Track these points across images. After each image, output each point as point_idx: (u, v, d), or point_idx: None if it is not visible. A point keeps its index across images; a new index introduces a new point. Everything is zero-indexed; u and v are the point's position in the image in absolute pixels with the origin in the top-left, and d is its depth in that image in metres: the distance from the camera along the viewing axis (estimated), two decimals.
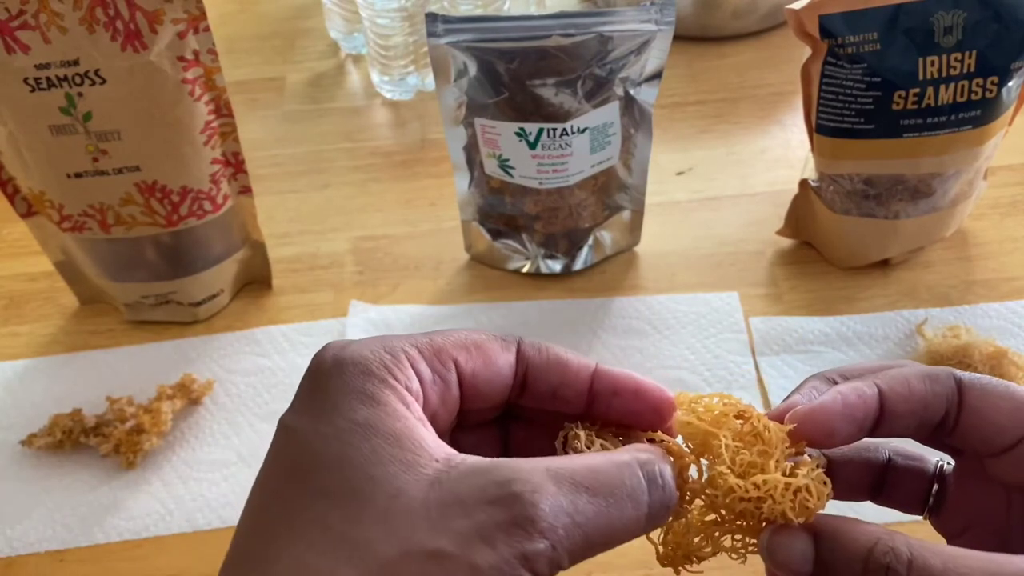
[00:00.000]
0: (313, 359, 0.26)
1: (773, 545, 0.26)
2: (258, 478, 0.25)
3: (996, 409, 0.27)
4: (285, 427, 0.25)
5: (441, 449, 0.24)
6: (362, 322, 0.62)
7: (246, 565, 0.23)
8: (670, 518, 0.27)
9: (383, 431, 0.23)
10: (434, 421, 0.26)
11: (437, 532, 0.21)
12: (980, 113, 0.54)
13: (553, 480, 0.22)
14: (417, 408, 0.25)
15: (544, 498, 0.22)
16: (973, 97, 0.54)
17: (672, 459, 0.27)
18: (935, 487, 0.31)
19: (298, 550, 0.22)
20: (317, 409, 0.24)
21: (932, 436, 0.29)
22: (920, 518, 0.33)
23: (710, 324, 0.61)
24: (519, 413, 0.30)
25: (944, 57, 0.53)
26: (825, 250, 0.65)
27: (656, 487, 0.25)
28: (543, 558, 0.22)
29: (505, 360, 0.27)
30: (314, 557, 0.21)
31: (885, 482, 0.31)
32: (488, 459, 0.23)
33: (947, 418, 0.28)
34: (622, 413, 0.28)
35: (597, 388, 0.28)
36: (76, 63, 0.50)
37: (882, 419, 0.28)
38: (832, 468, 0.31)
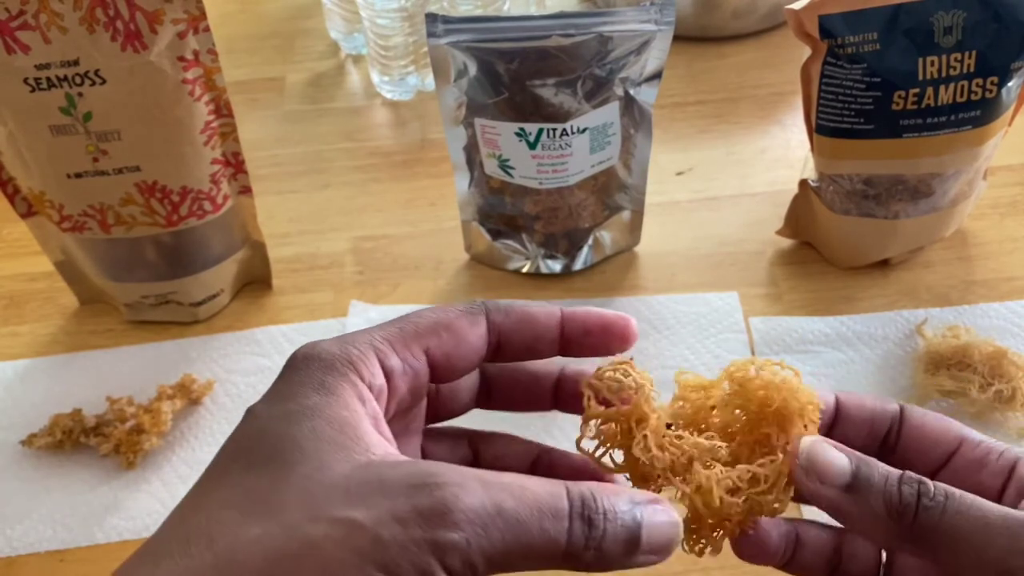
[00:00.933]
0: (289, 356, 0.27)
1: (814, 452, 0.27)
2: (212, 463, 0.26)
3: (931, 428, 0.31)
4: (247, 411, 0.26)
5: (382, 446, 0.24)
6: (362, 322, 0.62)
7: (169, 523, 0.24)
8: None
9: (327, 415, 0.24)
10: (402, 413, 0.27)
11: (351, 504, 0.22)
12: (980, 113, 0.54)
13: (480, 482, 0.22)
14: (373, 405, 0.25)
15: (468, 494, 0.22)
16: (973, 97, 0.54)
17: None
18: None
19: (215, 508, 0.23)
20: (276, 396, 0.25)
21: (879, 453, 0.31)
22: None
23: (710, 324, 0.61)
24: (493, 378, 0.32)
25: (944, 57, 0.53)
26: (825, 250, 0.65)
27: (581, 519, 0.23)
28: (456, 551, 0.21)
29: (476, 334, 0.28)
30: (227, 513, 0.22)
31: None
32: (419, 461, 0.24)
33: (890, 434, 0.31)
34: (595, 349, 0.30)
35: (568, 332, 0.30)
36: (76, 63, 0.50)
37: (837, 421, 0.31)
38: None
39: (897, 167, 0.57)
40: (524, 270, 0.66)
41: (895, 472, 0.27)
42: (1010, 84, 0.54)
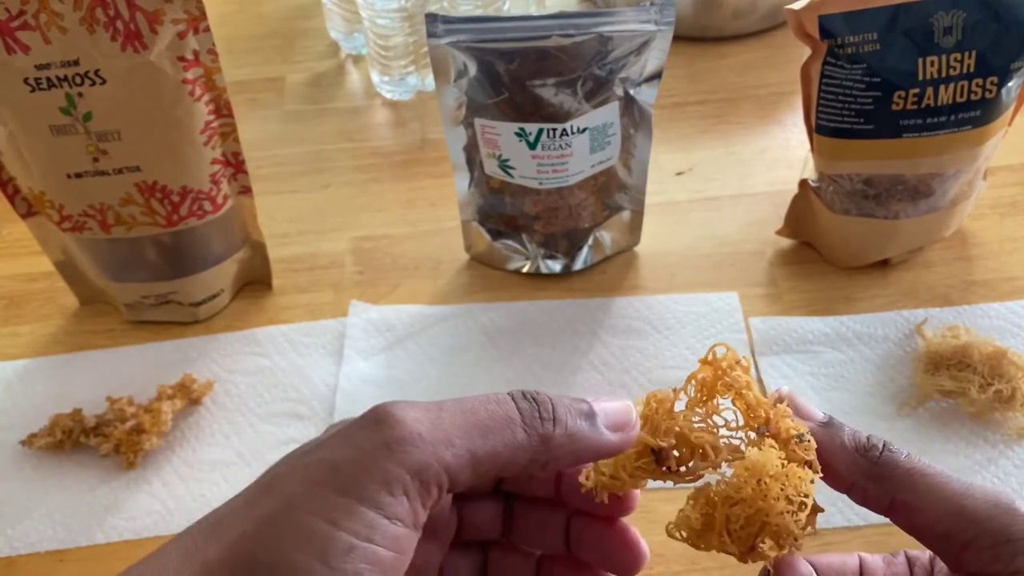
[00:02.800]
0: (380, 409, 0.26)
1: (795, 398, 0.32)
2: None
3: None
4: (341, 432, 0.26)
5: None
6: (362, 322, 0.62)
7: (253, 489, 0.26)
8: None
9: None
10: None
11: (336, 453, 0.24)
12: (980, 113, 0.55)
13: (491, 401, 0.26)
14: (420, 518, 0.25)
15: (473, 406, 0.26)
16: (973, 97, 0.54)
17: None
18: None
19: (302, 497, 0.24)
20: (362, 439, 0.25)
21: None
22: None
23: (710, 324, 0.61)
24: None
25: (944, 57, 0.53)
26: (825, 250, 0.65)
27: (524, 399, 0.26)
28: (453, 461, 0.25)
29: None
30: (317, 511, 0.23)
31: None
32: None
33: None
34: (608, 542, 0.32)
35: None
36: (76, 63, 0.50)
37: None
38: None
39: (897, 167, 0.57)
40: (524, 270, 0.66)
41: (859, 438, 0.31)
42: (1010, 84, 0.54)
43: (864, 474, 0.30)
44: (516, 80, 0.54)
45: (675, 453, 0.29)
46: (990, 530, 0.28)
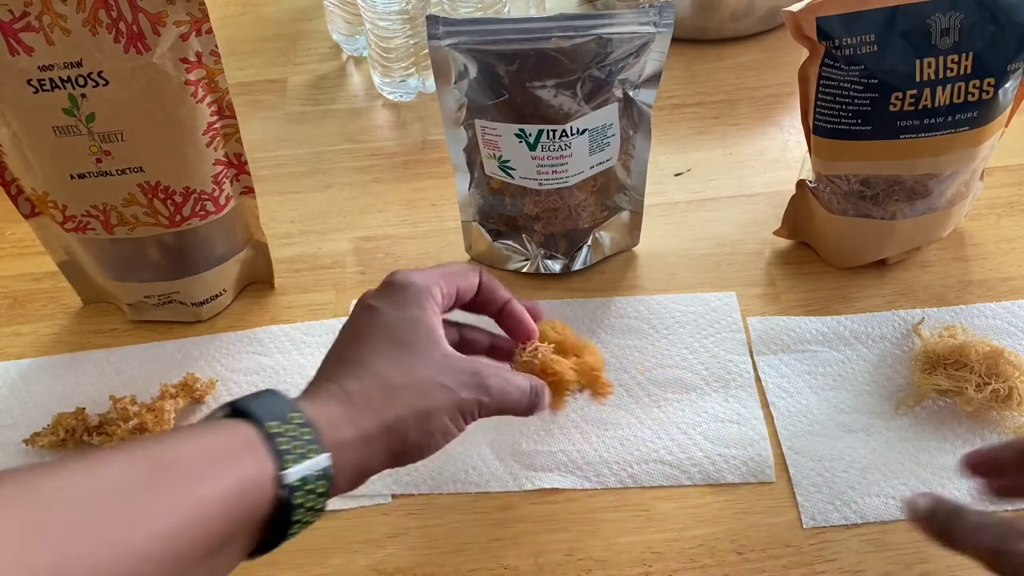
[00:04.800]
0: (389, 276, 0.44)
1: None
2: (348, 325, 0.43)
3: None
4: (369, 305, 0.42)
5: (445, 343, 0.42)
6: None
7: (343, 362, 0.41)
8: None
9: (426, 324, 0.42)
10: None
11: (445, 377, 0.41)
12: (977, 114, 0.55)
13: (497, 376, 0.42)
14: (439, 315, 0.43)
15: (492, 381, 0.42)
16: (970, 98, 0.54)
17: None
18: None
19: (374, 359, 0.40)
20: (394, 303, 0.42)
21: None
22: None
23: (709, 324, 0.61)
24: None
25: (941, 59, 0.53)
26: (822, 250, 0.65)
27: (534, 394, 0.44)
28: (484, 403, 0.42)
29: (474, 284, 0.47)
30: (382, 364, 0.40)
31: None
32: (467, 357, 0.43)
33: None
34: (511, 324, 0.48)
35: (504, 309, 0.48)
36: (79, 64, 0.50)
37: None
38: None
39: (894, 168, 0.57)
40: (524, 270, 0.66)
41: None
42: (1007, 85, 0.55)
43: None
44: (516, 82, 0.55)
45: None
46: None
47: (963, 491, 0.52)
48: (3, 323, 0.65)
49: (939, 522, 0.40)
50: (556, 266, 0.65)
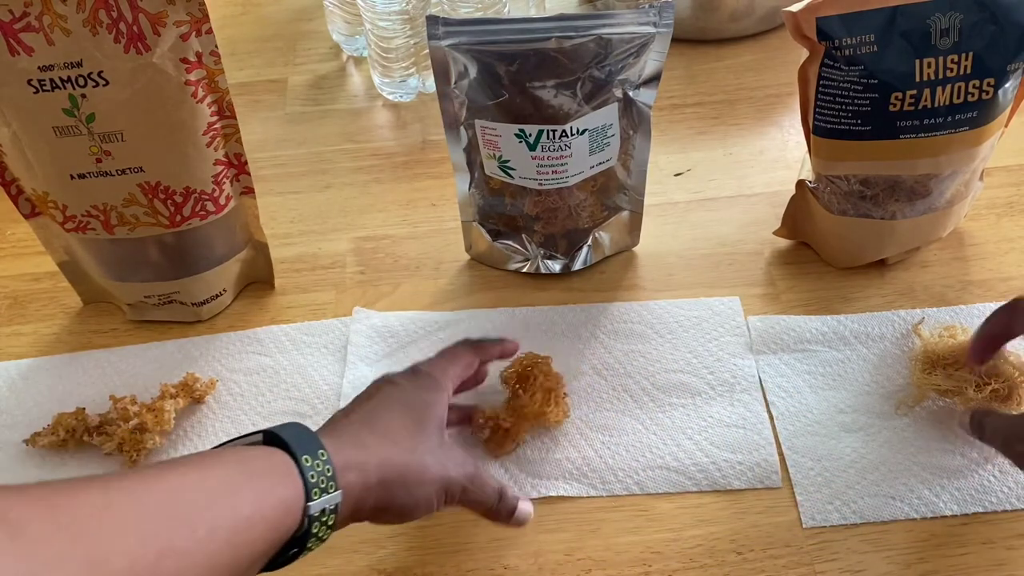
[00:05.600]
0: (415, 364, 0.50)
1: None
2: (374, 393, 0.47)
3: None
4: (396, 382, 0.48)
5: (446, 432, 0.48)
6: (366, 328, 0.62)
7: (365, 416, 0.45)
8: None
9: (437, 410, 0.47)
10: None
11: (443, 456, 0.46)
12: (976, 114, 0.55)
13: (482, 472, 0.48)
14: (447, 405, 0.49)
15: (478, 474, 0.47)
16: (970, 99, 0.54)
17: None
18: None
19: (391, 423, 0.45)
20: (414, 385, 0.48)
21: None
22: None
23: (712, 328, 0.61)
24: None
25: (941, 59, 0.53)
26: (822, 250, 0.65)
27: (501, 499, 0.48)
28: (467, 489, 0.46)
29: (475, 366, 0.53)
30: (396, 428, 0.45)
31: None
32: (463, 450, 0.50)
33: None
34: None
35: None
36: (79, 65, 0.50)
37: None
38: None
39: (894, 168, 0.58)
40: (524, 270, 0.66)
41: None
42: (1007, 85, 0.55)
43: None
44: (516, 82, 0.55)
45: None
46: None
47: (963, 491, 0.52)
48: (3, 323, 0.65)
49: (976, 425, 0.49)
50: (556, 266, 0.65)
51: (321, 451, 0.39)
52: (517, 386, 0.56)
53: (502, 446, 0.55)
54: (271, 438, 0.40)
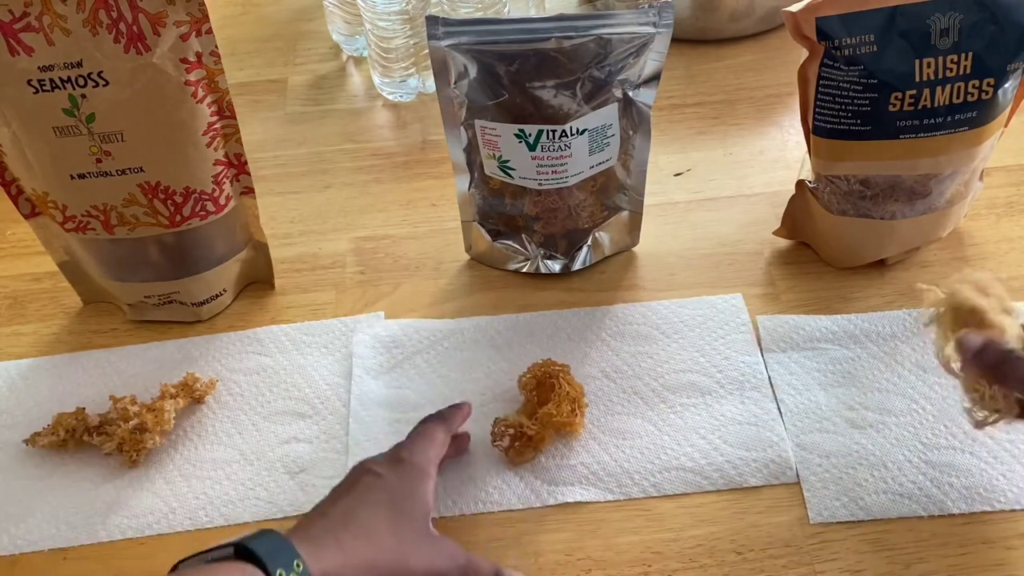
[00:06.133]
0: (396, 453, 0.49)
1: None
2: (352, 485, 0.46)
3: None
4: (376, 472, 0.47)
5: (431, 523, 0.47)
6: (369, 339, 0.62)
7: (344, 516, 0.44)
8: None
9: (423, 499, 0.47)
10: None
11: (429, 549, 0.45)
12: (976, 114, 0.55)
13: (472, 559, 0.47)
14: (433, 491, 0.48)
15: (472, 560, 0.47)
16: (969, 99, 0.54)
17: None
18: None
19: (373, 522, 0.44)
20: (398, 475, 0.47)
21: None
22: None
23: (718, 326, 0.61)
24: None
25: (940, 59, 0.53)
26: (822, 250, 0.65)
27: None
28: None
29: (448, 440, 0.52)
30: (379, 528, 0.44)
31: None
32: (449, 541, 0.47)
33: None
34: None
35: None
36: (79, 65, 0.50)
37: None
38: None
39: (894, 168, 0.58)
40: (524, 270, 0.66)
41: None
42: (1006, 85, 0.55)
43: None
44: (516, 82, 0.55)
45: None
46: None
47: (971, 490, 0.52)
48: (3, 323, 0.65)
49: (990, 360, 0.44)
50: (556, 266, 0.65)
51: (297, 561, 0.39)
52: (534, 393, 0.56)
53: (522, 454, 0.54)
54: (242, 551, 0.39)
